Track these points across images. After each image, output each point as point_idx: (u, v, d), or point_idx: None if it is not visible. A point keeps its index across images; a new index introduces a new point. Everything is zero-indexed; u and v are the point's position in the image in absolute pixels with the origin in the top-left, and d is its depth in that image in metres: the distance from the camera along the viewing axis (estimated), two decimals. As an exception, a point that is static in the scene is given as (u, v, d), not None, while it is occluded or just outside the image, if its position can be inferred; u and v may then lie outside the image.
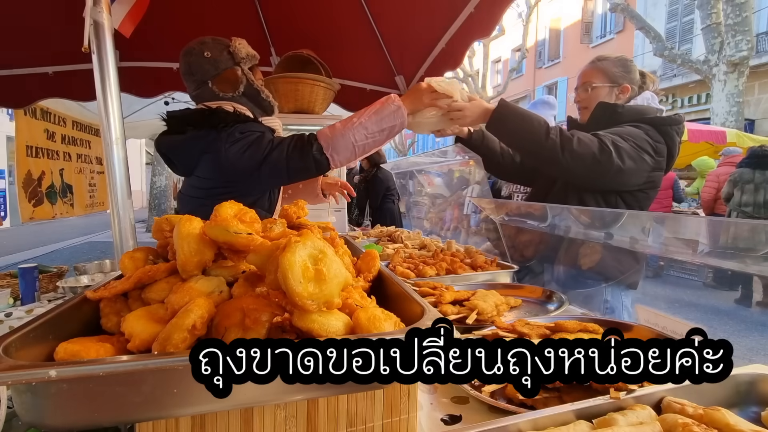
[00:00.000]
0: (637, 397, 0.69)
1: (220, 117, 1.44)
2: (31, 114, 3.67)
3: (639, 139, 1.47)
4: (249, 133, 1.43)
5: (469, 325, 1.13)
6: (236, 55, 1.54)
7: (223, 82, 1.54)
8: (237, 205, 0.74)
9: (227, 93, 1.55)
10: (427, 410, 0.79)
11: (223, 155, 1.41)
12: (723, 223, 1.19)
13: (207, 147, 1.44)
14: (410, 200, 3.99)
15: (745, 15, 7.92)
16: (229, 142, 1.40)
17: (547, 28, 20.21)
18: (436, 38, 2.46)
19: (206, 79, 1.52)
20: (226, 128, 1.42)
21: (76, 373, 0.44)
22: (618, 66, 1.64)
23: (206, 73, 1.52)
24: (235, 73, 1.55)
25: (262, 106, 1.64)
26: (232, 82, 1.55)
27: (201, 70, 1.51)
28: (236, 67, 1.55)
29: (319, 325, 0.53)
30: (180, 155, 1.51)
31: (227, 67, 1.53)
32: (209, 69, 1.51)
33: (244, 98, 1.58)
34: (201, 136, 1.43)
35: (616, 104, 1.59)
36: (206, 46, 1.51)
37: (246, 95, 1.58)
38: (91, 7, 1.06)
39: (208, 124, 1.42)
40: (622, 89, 1.62)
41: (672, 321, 1.01)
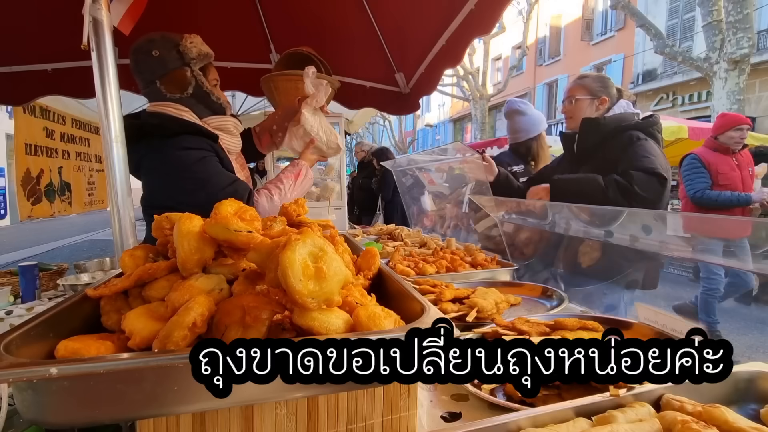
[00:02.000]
0: (636, 395, 0.70)
1: (145, 131, 1.41)
2: (30, 112, 3.66)
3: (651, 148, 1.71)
4: (188, 151, 1.40)
5: (469, 323, 1.13)
6: (186, 55, 1.47)
7: (170, 83, 1.48)
8: (237, 203, 0.74)
9: (174, 94, 1.48)
10: (427, 407, 0.79)
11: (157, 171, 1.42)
12: (723, 221, 1.19)
13: (141, 162, 1.42)
14: (410, 198, 3.99)
15: (747, 12, 7.89)
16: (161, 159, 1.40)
17: (548, 25, 20.14)
18: (436, 35, 2.45)
19: (153, 79, 1.47)
20: (152, 142, 1.40)
21: (76, 370, 0.44)
22: (597, 82, 1.96)
23: (153, 72, 1.46)
24: (184, 73, 1.48)
25: (213, 108, 1.58)
26: (179, 84, 1.48)
27: (148, 69, 1.46)
28: (185, 68, 1.48)
29: (319, 323, 0.53)
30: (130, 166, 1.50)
31: (175, 67, 1.46)
32: (156, 68, 1.45)
33: (192, 100, 1.51)
34: (134, 148, 1.37)
35: (597, 118, 1.87)
36: (154, 44, 1.45)
37: (195, 97, 1.51)
38: (90, 4, 1.06)
39: (135, 137, 1.37)
40: (600, 101, 1.92)
41: (672, 319, 1.01)
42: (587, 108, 1.92)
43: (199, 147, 1.44)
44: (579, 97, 1.94)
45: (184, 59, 1.47)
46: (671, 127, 7.26)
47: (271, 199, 1.53)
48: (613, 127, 1.81)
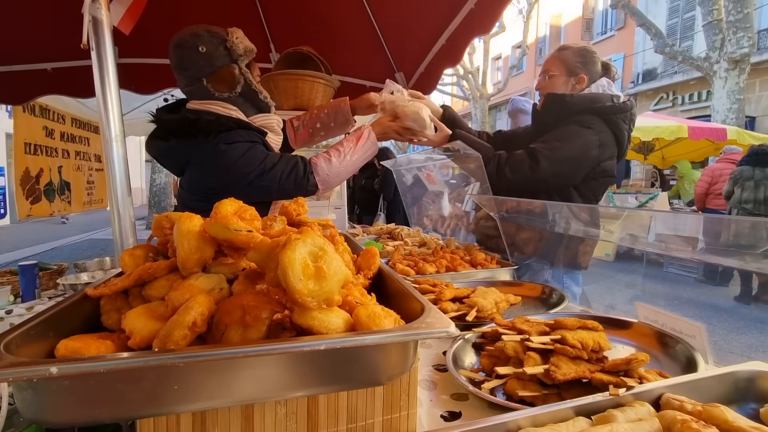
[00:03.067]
0: (636, 394, 0.70)
1: (200, 127, 1.34)
2: (29, 111, 3.65)
3: (574, 139, 1.61)
4: (236, 144, 1.36)
5: (469, 323, 1.13)
6: (233, 52, 1.41)
7: (218, 81, 1.43)
8: (237, 203, 0.74)
9: (223, 93, 1.44)
10: (426, 407, 0.79)
11: (209, 166, 1.37)
12: (723, 220, 1.19)
13: (191, 157, 1.39)
14: (410, 197, 3.99)
15: (747, 12, 7.89)
16: (215, 154, 1.35)
17: (548, 24, 20.12)
18: (436, 35, 2.45)
19: (200, 77, 1.40)
20: (208, 138, 1.34)
21: (77, 369, 0.44)
22: (577, 56, 1.72)
23: (200, 69, 1.39)
24: (232, 71, 1.43)
25: (259, 107, 1.55)
26: (228, 82, 1.44)
27: (194, 66, 1.39)
28: (233, 65, 1.43)
29: (319, 323, 0.53)
30: (166, 161, 1.47)
31: (223, 64, 1.41)
32: (203, 65, 1.39)
33: (240, 98, 1.47)
34: (184, 144, 1.37)
35: (564, 95, 1.67)
36: (201, 40, 1.38)
37: (243, 95, 1.47)
38: (89, 3, 1.06)
39: (189, 134, 1.34)
40: (578, 79, 1.70)
41: (671, 318, 1.01)
42: (561, 87, 1.72)
43: (251, 140, 1.40)
44: (553, 73, 1.73)
45: (232, 56, 1.41)
46: (671, 127, 7.27)
47: (330, 161, 1.46)
48: (580, 107, 1.63)
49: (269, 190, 1.40)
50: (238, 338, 0.54)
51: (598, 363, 0.83)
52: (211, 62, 1.39)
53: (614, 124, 1.64)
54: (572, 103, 1.65)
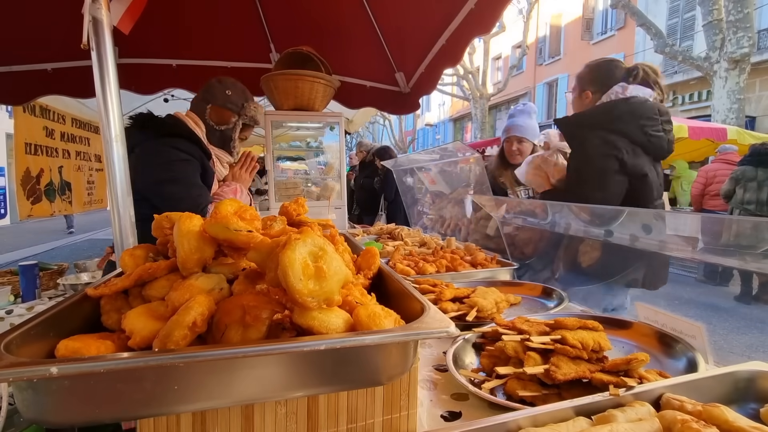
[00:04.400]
0: (636, 394, 0.70)
1: (158, 122, 1.67)
2: (30, 111, 3.65)
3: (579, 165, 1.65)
4: (177, 151, 1.62)
5: (469, 322, 1.13)
6: (243, 110, 1.86)
7: (217, 114, 1.83)
8: (237, 203, 0.74)
9: (211, 120, 1.83)
10: (427, 407, 0.79)
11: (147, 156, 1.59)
12: (723, 221, 1.19)
13: (139, 142, 1.60)
14: (410, 197, 3.98)
15: (747, 11, 7.88)
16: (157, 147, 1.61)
17: (548, 24, 20.12)
18: (437, 35, 2.44)
19: (209, 101, 1.82)
20: (160, 133, 1.64)
21: (77, 369, 0.44)
22: (586, 72, 1.77)
23: (214, 99, 1.82)
24: (231, 118, 1.86)
25: (225, 149, 1.91)
26: (222, 120, 1.84)
27: (212, 96, 1.82)
28: (235, 116, 1.86)
29: (319, 323, 0.53)
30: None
31: (231, 110, 1.84)
32: (217, 99, 1.81)
33: (218, 133, 1.85)
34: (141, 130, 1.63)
35: (564, 118, 1.72)
36: (232, 87, 1.84)
37: (221, 134, 1.86)
38: (89, 3, 1.05)
39: (148, 125, 1.64)
40: (584, 95, 1.75)
41: (672, 318, 1.01)
42: (575, 103, 1.77)
43: (190, 152, 1.66)
44: (568, 92, 1.83)
45: (240, 111, 1.87)
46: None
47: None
48: (574, 129, 1.64)
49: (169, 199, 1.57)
50: (238, 338, 0.54)
51: (599, 363, 0.83)
52: (224, 102, 1.82)
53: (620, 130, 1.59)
54: (569, 123, 1.69)
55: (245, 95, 1.88)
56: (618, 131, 1.59)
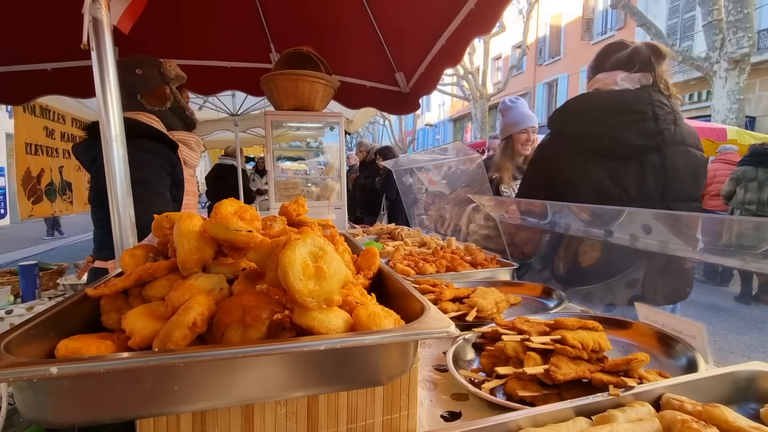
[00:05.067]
0: (636, 394, 0.70)
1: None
2: (30, 111, 3.66)
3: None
4: (140, 151, 1.51)
5: (469, 323, 1.13)
6: (166, 75, 1.76)
7: (152, 97, 1.74)
8: (237, 203, 0.74)
9: (155, 107, 1.74)
10: (427, 407, 0.79)
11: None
12: (723, 221, 1.19)
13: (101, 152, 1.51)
14: (410, 197, 3.99)
15: (747, 12, 7.88)
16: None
17: (548, 24, 20.12)
18: (437, 35, 2.45)
19: (135, 92, 1.70)
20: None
21: (77, 369, 0.44)
22: (593, 59, 1.67)
23: (136, 87, 1.70)
24: (164, 90, 1.76)
25: (185, 122, 1.84)
26: (160, 99, 1.76)
27: (133, 87, 1.69)
28: (165, 86, 1.76)
29: (319, 323, 0.53)
30: (83, 158, 1.65)
31: (157, 85, 1.74)
32: (139, 85, 1.70)
33: (169, 113, 1.77)
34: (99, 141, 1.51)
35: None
36: (138, 64, 1.71)
37: (172, 110, 1.78)
38: (89, 3, 1.05)
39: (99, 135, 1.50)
40: (592, 83, 1.66)
41: (672, 318, 1.01)
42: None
43: (154, 151, 1.59)
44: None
45: (164, 78, 1.76)
46: (671, 127, 7.26)
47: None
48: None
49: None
50: (238, 338, 0.54)
51: (598, 363, 0.83)
52: (145, 83, 1.72)
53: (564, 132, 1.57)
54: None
55: (152, 62, 1.76)
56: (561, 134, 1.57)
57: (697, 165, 1.55)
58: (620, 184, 1.50)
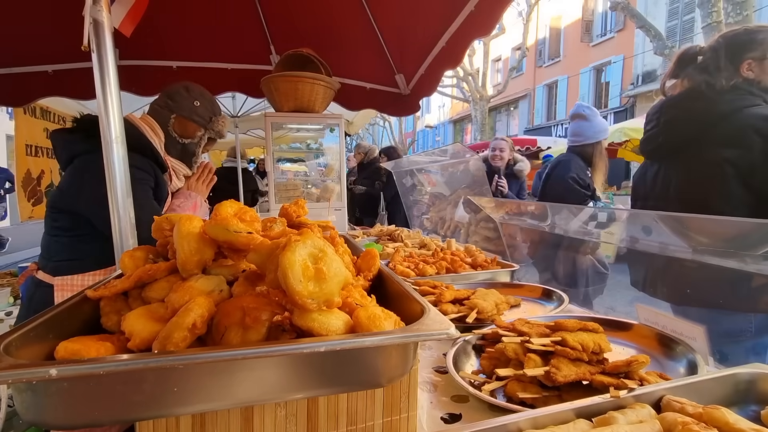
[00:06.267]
0: (636, 396, 0.70)
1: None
2: (30, 113, 3.66)
3: None
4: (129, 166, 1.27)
5: (469, 324, 1.13)
6: (211, 125, 1.72)
7: (181, 125, 1.68)
8: (237, 204, 0.74)
9: (174, 132, 1.67)
10: (427, 409, 0.79)
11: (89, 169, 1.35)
12: (724, 222, 1.19)
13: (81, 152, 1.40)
14: (410, 199, 3.99)
15: (746, 14, 7.90)
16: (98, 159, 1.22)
17: (548, 26, 20.17)
18: (437, 37, 2.45)
19: (174, 111, 1.65)
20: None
21: (76, 371, 0.43)
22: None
23: (180, 110, 1.65)
24: (197, 131, 1.71)
25: (186, 163, 1.76)
26: (187, 133, 1.70)
27: (178, 106, 1.65)
28: (201, 129, 1.71)
29: (319, 324, 0.53)
30: (60, 150, 1.48)
31: (198, 123, 1.69)
32: (183, 110, 1.65)
33: (180, 146, 1.70)
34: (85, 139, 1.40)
35: None
36: (201, 98, 1.69)
37: (184, 147, 1.71)
38: (90, 5, 1.06)
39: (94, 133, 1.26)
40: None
41: (672, 320, 1.01)
42: None
43: (143, 168, 1.46)
44: None
45: (206, 126, 1.72)
46: (671, 128, 7.26)
47: None
48: None
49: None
50: (237, 340, 0.54)
51: (599, 365, 0.83)
52: (191, 114, 1.67)
53: None
54: None
55: (213, 107, 1.74)
56: None
57: None
58: None
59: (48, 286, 1.40)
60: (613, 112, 15.75)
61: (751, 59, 1.45)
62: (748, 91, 1.43)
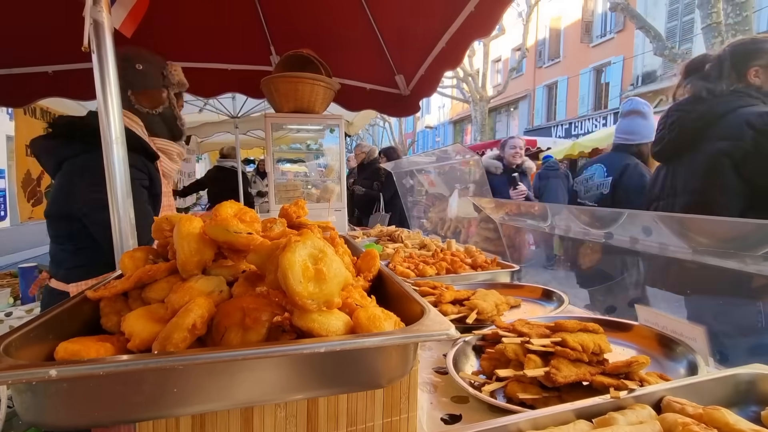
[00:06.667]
0: (637, 397, 0.69)
1: (87, 131, 1.29)
2: (31, 114, 3.66)
3: None
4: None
5: (469, 325, 1.13)
6: (167, 79, 1.60)
7: (144, 97, 1.56)
8: (237, 205, 0.74)
9: (144, 107, 1.56)
10: (427, 409, 0.79)
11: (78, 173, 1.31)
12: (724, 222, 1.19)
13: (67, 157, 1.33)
14: (410, 200, 3.99)
15: (746, 14, 7.91)
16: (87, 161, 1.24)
17: (547, 27, 20.18)
18: (437, 37, 2.45)
19: (128, 88, 1.50)
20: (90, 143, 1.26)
21: (76, 372, 0.43)
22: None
23: (131, 84, 1.51)
24: (160, 94, 1.59)
25: (173, 131, 1.67)
26: (153, 100, 1.58)
27: (126, 82, 1.47)
28: (163, 89, 1.60)
29: (319, 325, 0.53)
30: (44, 158, 1.42)
31: (155, 86, 1.57)
32: (135, 82, 1.52)
33: (158, 118, 1.60)
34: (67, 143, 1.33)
35: None
36: (141, 59, 1.53)
37: (162, 116, 1.61)
38: (90, 6, 1.06)
39: (74, 134, 1.31)
40: None
41: (672, 320, 1.01)
42: None
43: (135, 166, 1.34)
44: None
45: (165, 83, 1.60)
46: (671, 129, 7.27)
47: None
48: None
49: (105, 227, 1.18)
50: (237, 341, 0.54)
51: (599, 365, 0.83)
52: (144, 81, 1.54)
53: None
54: None
55: (157, 61, 1.58)
56: None
57: None
58: None
59: (64, 293, 1.37)
60: (613, 113, 15.75)
61: (758, 66, 1.55)
62: (746, 94, 1.54)
